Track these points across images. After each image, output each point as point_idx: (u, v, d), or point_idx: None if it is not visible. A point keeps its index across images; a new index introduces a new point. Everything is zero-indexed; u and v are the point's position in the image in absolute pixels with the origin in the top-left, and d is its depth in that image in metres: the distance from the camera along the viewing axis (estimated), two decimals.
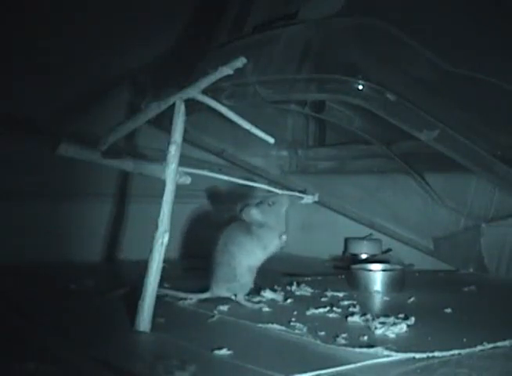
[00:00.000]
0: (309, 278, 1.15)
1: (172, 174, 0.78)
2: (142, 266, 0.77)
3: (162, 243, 0.76)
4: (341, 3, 1.06)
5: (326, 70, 1.01)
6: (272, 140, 0.77)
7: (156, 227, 0.77)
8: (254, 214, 0.93)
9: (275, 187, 0.96)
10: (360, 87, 0.95)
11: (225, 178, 0.86)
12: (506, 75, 1.06)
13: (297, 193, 0.95)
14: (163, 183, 0.78)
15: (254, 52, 1.08)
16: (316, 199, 0.95)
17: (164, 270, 0.77)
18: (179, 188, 0.79)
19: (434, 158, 1.13)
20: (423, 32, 1.04)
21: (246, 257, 0.92)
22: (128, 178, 1.43)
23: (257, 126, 0.78)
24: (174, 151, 0.78)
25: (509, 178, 1.06)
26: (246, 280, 0.92)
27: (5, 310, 0.89)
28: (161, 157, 0.79)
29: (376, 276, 1.04)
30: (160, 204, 0.77)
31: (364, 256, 1.38)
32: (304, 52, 1.04)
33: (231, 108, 0.78)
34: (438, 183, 1.28)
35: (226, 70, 0.77)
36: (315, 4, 1.10)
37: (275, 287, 1.02)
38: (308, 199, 0.94)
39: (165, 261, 0.77)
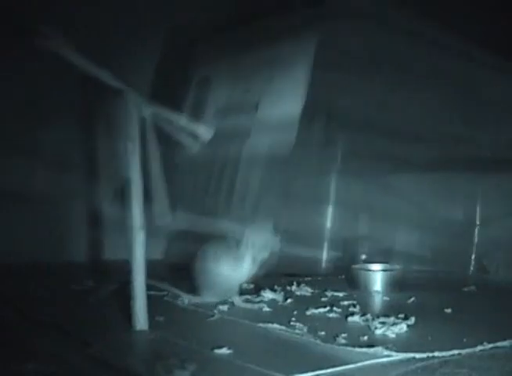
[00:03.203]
0: (309, 278, 1.15)
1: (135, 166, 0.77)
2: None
3: (139, 240, 0.76)
4: None
5: None
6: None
7: (131, 226, 0.76)
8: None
9: None
10: None
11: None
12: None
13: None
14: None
15: None
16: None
17: (164, 270, 0.77)
18: None
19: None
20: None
21: (217, 264, 0.91)
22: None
23: None
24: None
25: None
26: (228, 285, 0.91)
27: (5, 310, 0.89)
28: None
29: (376, 276, 1.04)
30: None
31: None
32: None
33: None
34: (438, 183, 1.28)
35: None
36: None
37: (275, 287, 1.02)
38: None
39: (163, 261, 0.77)
